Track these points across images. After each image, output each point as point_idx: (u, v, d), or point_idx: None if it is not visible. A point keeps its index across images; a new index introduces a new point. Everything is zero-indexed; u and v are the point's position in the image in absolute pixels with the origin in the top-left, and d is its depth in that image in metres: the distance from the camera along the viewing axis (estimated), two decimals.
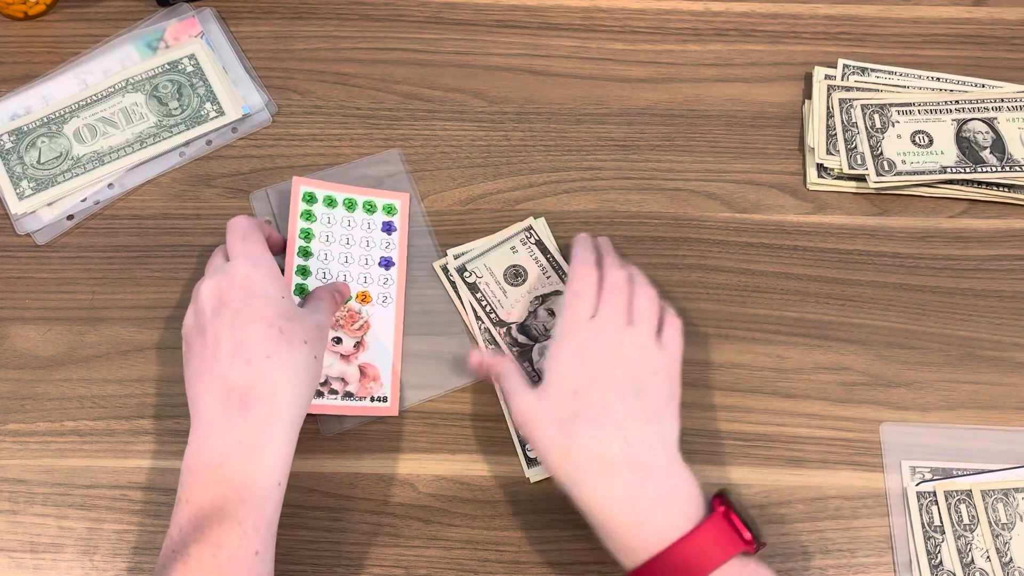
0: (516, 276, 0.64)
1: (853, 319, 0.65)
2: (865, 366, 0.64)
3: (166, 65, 0.70)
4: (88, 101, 0.69)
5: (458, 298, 0.64)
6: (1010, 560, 0.58)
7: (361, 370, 0.61)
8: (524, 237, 0.66)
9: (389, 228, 0.66)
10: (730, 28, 0.74)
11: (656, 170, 0.69)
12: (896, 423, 0.62)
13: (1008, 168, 0.68)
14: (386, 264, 0.65)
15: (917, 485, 0.60)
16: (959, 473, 0.60)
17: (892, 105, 0.70)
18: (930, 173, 0.67)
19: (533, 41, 0.73)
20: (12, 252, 0.66)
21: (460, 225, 0.67)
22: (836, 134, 0.69)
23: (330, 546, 0.59)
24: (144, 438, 0.61)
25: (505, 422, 0.62)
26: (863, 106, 0.70)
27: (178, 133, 0.68)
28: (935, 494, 0.59)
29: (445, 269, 0.65)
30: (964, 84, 0.72)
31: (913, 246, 0.67)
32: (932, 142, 0.68)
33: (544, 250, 0.65)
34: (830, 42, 0.74)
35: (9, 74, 0.70)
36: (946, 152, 0.68)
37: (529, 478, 0.60)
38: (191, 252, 0.66)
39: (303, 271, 0.62)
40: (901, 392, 0.63)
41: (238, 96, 0.70)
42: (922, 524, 0.59)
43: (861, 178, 0.68)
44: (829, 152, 0.69)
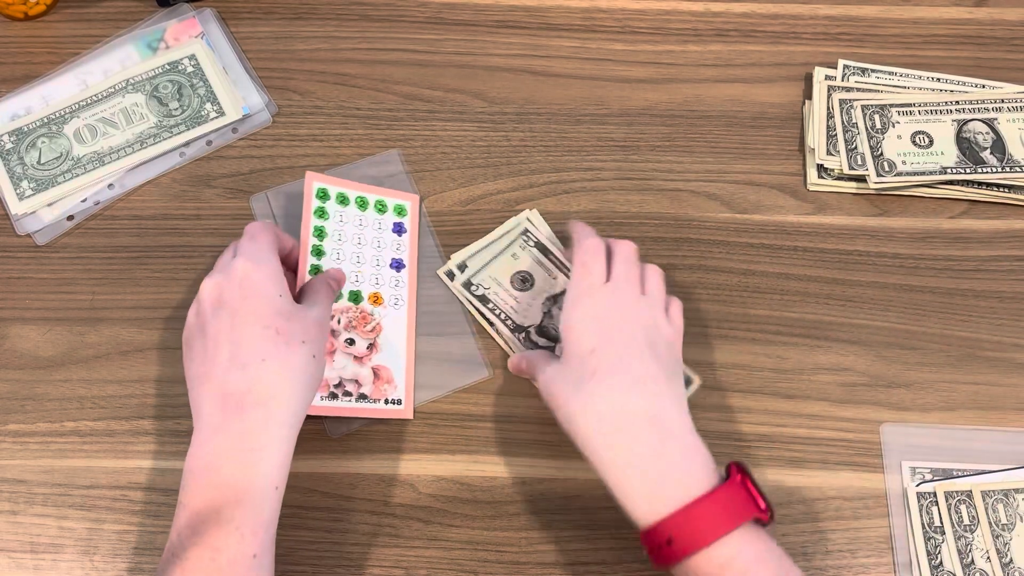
0: (524, 282, 0.64)
1: (853, 320, 0.65)
2: (865, 367, 0.64)
3: (166, 65, 0.70)
4: (88, 101, 0.69)
5: (476, 312, 0.64)
6: (1010, 561, 0.58)
7: (375, 372, 0.61)
8: (523, 242, 0.66)
9: (400, 230, 0.65)
10: (730, 28, 0.74)
11: (656, 171, 0.69)
12: (896, 424, 0.62)
13: (1008, 169, 0.68)
14: (397, 266, 0.64)
15: (917, 486, 0.60)
16: (959, 474, 0.60)
17: (892, 106, 0.70)
18: (930, 174, 0.67)
19: (533, 41, 0.73)
20: (12, 252, 0.66)
21: (460, 225, 0.67)
22: (836, 135, 0.69)
23: (330, 546, 0.59)
24: (144, 438, 0.61)
25: (505, 422, 0.62)
26: (863, 107, 0.70)
27: (178, 133, 0.68)
28: (935, 495, 0.59)
29: (451, 274, 0.65)
30: (964, 85, 0.72)
31: (913, 247, 0.67)
32: (932, 143, 0.68)
33: (545, 251, 0.65)
34: (830, 42, 0.74)
35: (9, 74, 0.70)
36: (946, 153, 0.68)
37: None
38: (191, 252, 0.66)
39: (316, 271, 0.62)
40: (901, 393, 0.63)
41: (238, 96, 0.70)
42: (922, 525, 0.59)
43: (861, 179, 0.68)
44: (829, 153, 0.69)
